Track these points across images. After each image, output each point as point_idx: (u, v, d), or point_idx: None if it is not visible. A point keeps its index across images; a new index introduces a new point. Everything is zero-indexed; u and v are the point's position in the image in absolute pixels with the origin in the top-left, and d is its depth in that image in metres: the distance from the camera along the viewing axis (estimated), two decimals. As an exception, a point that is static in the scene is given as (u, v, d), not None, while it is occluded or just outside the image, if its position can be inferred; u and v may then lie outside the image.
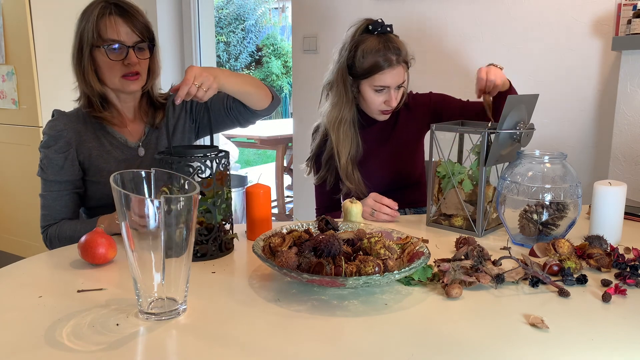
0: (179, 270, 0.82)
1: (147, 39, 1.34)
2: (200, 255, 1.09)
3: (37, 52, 2.79)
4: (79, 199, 1.40)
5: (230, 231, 1.16)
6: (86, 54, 1.31)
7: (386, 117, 1.61)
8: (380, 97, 1.54)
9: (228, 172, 1.11)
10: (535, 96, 1.31)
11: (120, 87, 1.34)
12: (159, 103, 1.46)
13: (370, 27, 1.52)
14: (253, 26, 10.89)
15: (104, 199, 1.38)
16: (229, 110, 1.44)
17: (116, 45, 1.29)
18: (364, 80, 1.53)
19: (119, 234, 1.07)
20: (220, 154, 1.09)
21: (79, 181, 1.37)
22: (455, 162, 1.32)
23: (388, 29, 1.54)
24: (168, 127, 1.16)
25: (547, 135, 2.22)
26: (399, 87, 1.55)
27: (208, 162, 1.06)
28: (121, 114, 1.42)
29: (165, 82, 2.17)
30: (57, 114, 1.38)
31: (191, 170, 1.05)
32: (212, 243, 1.10)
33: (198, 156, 1.05)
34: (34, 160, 1.40)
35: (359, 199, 1.45)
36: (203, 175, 1.07)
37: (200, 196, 1.03)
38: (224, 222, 1.12)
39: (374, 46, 1.49)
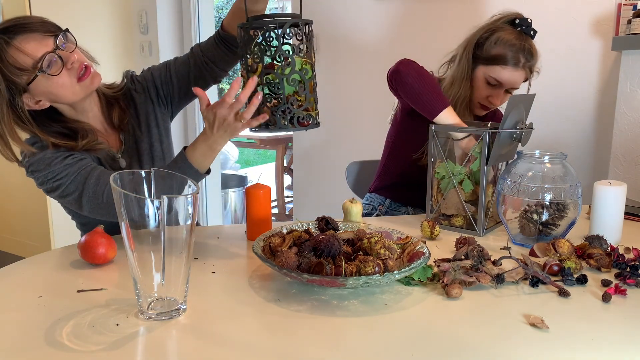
0: (179, 270, 0.82)
1: (60, 31, 1.14)
2: (265, 125, 1.04)
3: (37, 52, 2.78)
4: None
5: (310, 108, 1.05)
6: (4, 112, 1.12)
7: (482, 112, 1.58)
8: (488, 90, 1.50)
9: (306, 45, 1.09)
10: (532, 96, 1.32)
11: (85, 90, 1.17)
12: (112, 97, 1.31)
13: (517, 21, 1.49)
14: (253, 26, 10.87)
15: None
16: (204, 65, 1.30)
17: (45, 60, 1.08)
18: (482, 66, 1.50)
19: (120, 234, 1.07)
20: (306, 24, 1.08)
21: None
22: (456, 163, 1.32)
23: (532, 32, 1.49)
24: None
25: (547, 135, 2.22)
26: (509, 90, 1.51)
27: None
28: (93, 127, 1.26)
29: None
30: (37, 148, 1.19)
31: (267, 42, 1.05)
32: (280, 115, 1.02)
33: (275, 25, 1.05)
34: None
35: None
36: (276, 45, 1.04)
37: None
38: (295, 95, 1.03)
39: (511, 39, 1.46)
